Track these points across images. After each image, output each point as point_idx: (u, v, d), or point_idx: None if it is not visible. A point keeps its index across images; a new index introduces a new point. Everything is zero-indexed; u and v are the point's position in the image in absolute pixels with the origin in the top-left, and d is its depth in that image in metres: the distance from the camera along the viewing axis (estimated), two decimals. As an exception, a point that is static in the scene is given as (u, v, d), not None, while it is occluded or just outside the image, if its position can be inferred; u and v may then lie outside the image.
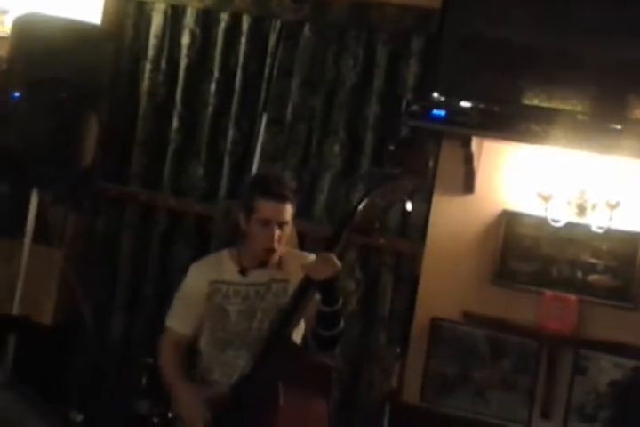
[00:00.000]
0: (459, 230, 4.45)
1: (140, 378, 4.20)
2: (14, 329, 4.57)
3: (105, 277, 4.94)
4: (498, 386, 4.35)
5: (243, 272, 3.27)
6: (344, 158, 4.61)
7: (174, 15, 4.88)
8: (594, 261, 4.26)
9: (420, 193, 4.39)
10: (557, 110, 4.06)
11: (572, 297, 4.24)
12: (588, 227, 4.21)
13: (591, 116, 4.04)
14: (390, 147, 4.32)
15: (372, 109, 4.57)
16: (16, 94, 4.32)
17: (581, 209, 4.21)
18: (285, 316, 3.10)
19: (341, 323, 3.10)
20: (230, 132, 4.79)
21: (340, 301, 3.08)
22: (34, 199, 4.55)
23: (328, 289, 3.04)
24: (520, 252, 4.35)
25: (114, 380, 4.80)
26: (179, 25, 4.87)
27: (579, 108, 4.07)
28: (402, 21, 4.51)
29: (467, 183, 4.41)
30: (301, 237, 4.02)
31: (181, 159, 4.88)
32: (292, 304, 3.10)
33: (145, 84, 4.92)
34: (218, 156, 4.83)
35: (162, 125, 4.91)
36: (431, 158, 4.09)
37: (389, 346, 4.53)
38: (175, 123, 4.87)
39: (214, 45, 4.82)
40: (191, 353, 3.37)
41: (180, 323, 3.32)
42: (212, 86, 4.82)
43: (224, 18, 4.80)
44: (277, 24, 4.73)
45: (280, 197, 3.18)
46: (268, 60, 4.75)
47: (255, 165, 4.80)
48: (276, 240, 3.18)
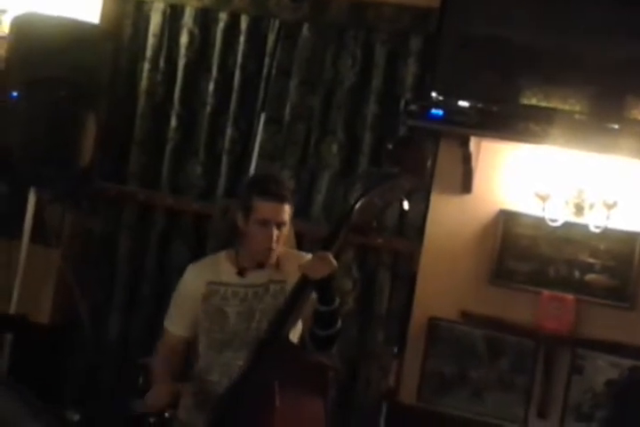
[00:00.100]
0: (456, 230, 4.45)
1: (137, 378, 4.19)
2: (11, 329, 4.56)
3: (103, 276, 4.94)
4: (495, 385, 4.35)
5: (241, 273, 3.26)
6: (342, 158, 4.62)
7: (173, 15, 4.88)
8: (591, 260, 4.26)
9: (418, 192, 4.40)
10: (555, 110, 4.06)
11: (569, 297, 4.25)
12: (585, 226, 4.21)
13: (589, 116, 4.05)
14: (388, 146, 4.31)
15: (371, 109, 4.57)
16: (14, 94, 4.31)
17: (579, 209, 4.21)
18: (282, 315, 3.09)
19: (338, 322, 3.09)
20: (228, 131, 4.79)
21: (337, 300, 3.08)
22: (31, 199, 4.54)
23: (325, 288, 3.04)
24: (517, 251, 4.35)
25: (111, 380, 4.80)
26: (177, 24, 4.87)
27: (577, 107, 4.07)
28: (400, 21, 4.51)
29: (464, 183, 4.41)
30: (299, 237, 4.03)
31: (179, 158, 4.88)
32: (288, 304, 3.09)
33: (143, 84, 4.92)
34: (216, 155, 4.83)
35: (160, 125, 4.91)
36: (429, 158, 4.09)
37: (386, 345, 4.54)
38: (173, 122, 4.87)
39: (213, 45, 4.83)
40: (189, 353, 3.37)
41: (178, 325, 3.32)
42: (211, 86, 4.82)
43: (223, 17, 4.80)
44: (276, 24, 4.73)
45: (278, 197, 3.17)
46: (266, 60, 4.75)
47: (253, 164, 4.80)
48: (274, 241, 3.16)
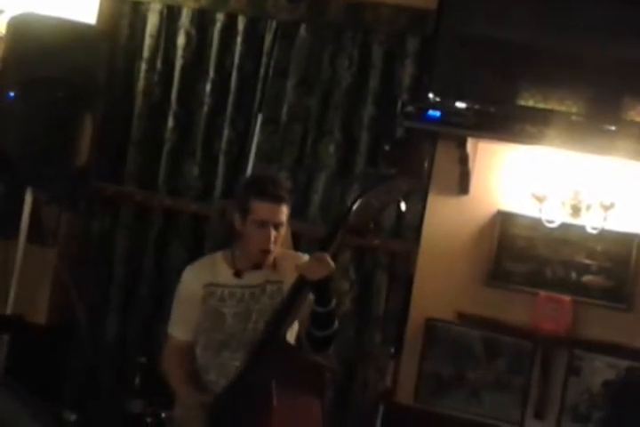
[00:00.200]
0: (453, 231, 4.45)
1: (134, 378, 4.19)
2: (8, 329, 4.55)
3: (100, 276, 4.93)
4: (492, 386, 4.35)
5: (237, 274, 3.26)
6: (339, 159, 4.61)
7: (170, 15, 4.88)
8: (588, 261, 4.27)
9: (415, 194, 4.40)
10: (553, 111, 4.06)
11: (566, 298, 4.25)
12: (582, 228, 4.22)
13: (586, 118, 4.05)
14: (385, 147, 4.31)
15: (368, 110, 4.57)
16: (11, 94, 4.31)
17: (576, 210, 4.21)
18: (279, 316, 3.09)
19: (335, 323, 3.09)
20: (225, 131, 4.79)
21: (334, 301, 3.07)
22: (28, 199, 4.53)
23: (322, 289, 3.03)
24: (515, 252, 4.36)
25: (108, 380, 4.79)
26: (174, 25, 4.87)
27: (574, 109, 4.07)
28: (397, 22, 4.51)
29: (462, 184, 4.41)
30: (296, 237, 4.03)
31: (177, 159, 4.88)
32: (285, 304, 3.09)
33: (140, 84, 4.91)
34: (213, 155, 4.83)
35: (157, 125, 4.91)
36: (426, 159, 4.10)
37: (384, 346, 4.53)
38: (170, 122, 4.86)
39: (210, 45, 4.82)
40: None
41: (182, 330, 3.31)
42: (208, 86, 4.82)
43: (220, 18, 4.79)
44: (273, 24, 4.73)
45: (276, 198, 3.16)
46: (263, 61, 4.75)
47: (250, 164, 4.79)
48: (271, 242, 3.16)
